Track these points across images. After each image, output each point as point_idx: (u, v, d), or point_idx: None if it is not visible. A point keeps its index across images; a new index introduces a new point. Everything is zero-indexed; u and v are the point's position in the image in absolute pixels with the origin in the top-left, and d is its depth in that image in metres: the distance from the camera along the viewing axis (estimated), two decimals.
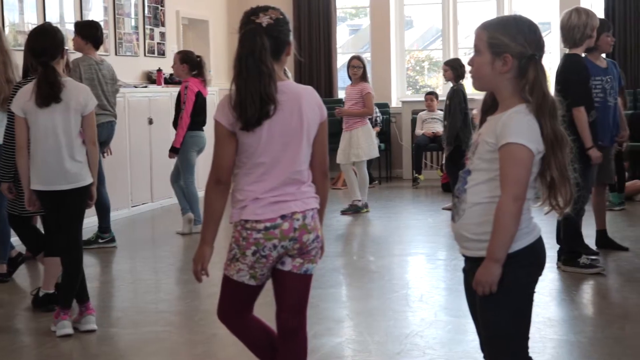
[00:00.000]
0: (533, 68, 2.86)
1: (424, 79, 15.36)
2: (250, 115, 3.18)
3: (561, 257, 6.58)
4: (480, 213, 2.89)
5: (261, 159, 3.26)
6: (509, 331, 2.93)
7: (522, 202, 2.82)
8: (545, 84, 2.88)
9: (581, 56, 6.46)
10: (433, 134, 12.23)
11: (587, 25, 6.36)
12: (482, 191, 2.90)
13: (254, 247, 3.27)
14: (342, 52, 14.44)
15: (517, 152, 2.80)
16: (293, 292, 3.42)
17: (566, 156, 2.86)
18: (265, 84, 3.19)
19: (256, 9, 3.30)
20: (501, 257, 2.84)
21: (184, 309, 5.95)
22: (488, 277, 2.85)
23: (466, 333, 4.84)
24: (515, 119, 2.83)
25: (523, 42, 2.87)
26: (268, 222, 3.26)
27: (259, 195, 3.26)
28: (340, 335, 5.17)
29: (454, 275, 6.39)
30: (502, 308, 2.89)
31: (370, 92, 9.66)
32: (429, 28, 16.29)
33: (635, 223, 8.68)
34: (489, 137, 2.87)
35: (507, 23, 2.95)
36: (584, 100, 6.31)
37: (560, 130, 2.86)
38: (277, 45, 3.27)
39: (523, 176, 2.82)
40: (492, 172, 2.87)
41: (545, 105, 2.85)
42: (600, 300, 5.98)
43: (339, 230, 8.89)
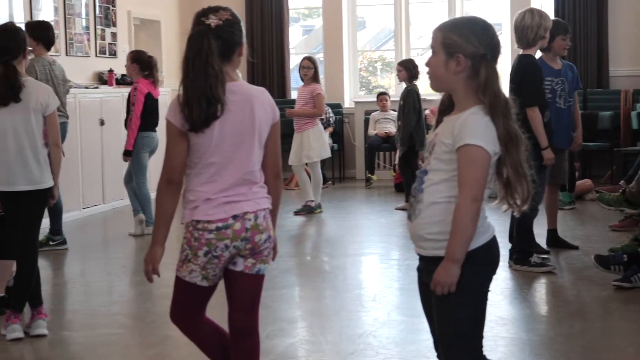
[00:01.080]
0: (484, 68, 2.88)
1: (376, 80, 15.40)
2: (197, 116, 3.18)
3: (513, 256, 6.64)
4: (437, 213, 2.91)
5: (212, 159, 3.25)
6: (464, 330, 2.95)
7: (480, 203, 2.85)
8: (497, 84, 2.89)
9: (534, 56, 6.52)
10: (386, 134, 12.28)
11: (540, 26, 6.42)
12: (438, 191, 2.91)
13: (206, 247, 3.26)
14: (295, 53, 14.43)
15: (474, 153, 2.82)
16: (245, 292, 3.41)
17: (521, 154, 2.88)
18: (212, 85, 3.18)
19: (207, 9, 3.30)
20: (460, 258, 2.85)
21: (136, 311, 5.91)
22: (447, 278, 2.86)
23: (419, 332, 4.86)
24: (472, 120, 2.85)
25: (475, 42, 2.89)
26: (220, 223, 3.25)
27: (211, 196, 3.25)
28: (294, 335, 5.17)
29: (407, 275, 6.41)
30: (458, 307, 2.91)
31: (320, 92, 9.66)
32: (382, 29, 16.33)
33: (585, 222, 8.78)
34: (446, 138, 2.89)
35: (461, 24, 2.98)
36: (537, 100, 6.37)
37: (515, 129, 2.88)
38: (226, 46, 3.26)
39: (481, 177, 2.84)
40: (449, 172, 2.89)
41: (497, 104, 2.86)
42: (552, 299, 6.05)
43: (292, 230, 8.88)
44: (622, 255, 6.01)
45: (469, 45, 2.89)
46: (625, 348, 4.79)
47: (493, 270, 3.01)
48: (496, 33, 2.96)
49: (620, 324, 5.25)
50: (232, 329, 3.45)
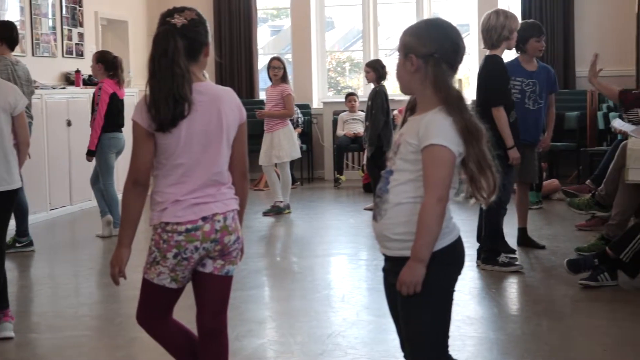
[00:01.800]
0: (431, 66, 2.90)
1: (345, 80, 15.41)
2: (164, 115, 3.16)
3: (481, 255, 6.67)
4: (403, 213, 2.91)
5: (180, 160, 3.24)
6: (430, 330, 2.95)
7: (445, 203, 2.85)
8: (446, 81, 2.90)
9: (500, 57, 6.55)
10: (354, 135, 12.30)
11: (504, 26, 6.45)
12: (404, 191, 2.92)
13: (175, 249, 3.25)
14: (264, 53, 14.41)
15: (439, 153, 2.83)
16: (214, 294, 3.40)
17: (484, 146, 2.89)
18: (178, 84, 3.17)
19: (172, 10, 3.29)
20: (425, 258, 2.86)
21: (104, 312, 5.88)
22: (412, 278, 2.86)
23: (388, 332, 4.87)
24: (436, 120, 2.86)
25: (427, 42, 2.91)
26: (189, 224, 3.24)
27: (179, 197, 3.24)
28: (263, 336, 5.16)
29: (376, 275, 6.42)
30: (423, 307, 2.91)
31: (290, 93, 9.66)
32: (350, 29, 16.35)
33: (552, 221, 8.84)
34: (411, 138, 2.89)
35: (419, 26, 3.01)
36: (502, 100, 6.41)
37: (473, 123, 2.89)
38: (192, 45, 3.26)
39: (446, 177, 2.84)
40: (414, 172, 2.89)
41: (451, 100, 2.88)
42: (519, 298, 6.08)
43: (261, 231, 8.87)
44: (592, 260, 6.04)
45: (420, 45, 2.92)
46: (592, 346, 4.83)
47: (458, 271, 3.02)
48: (456, 34, 2.96)
49: (588, 322, 5.28)
50: (201, 331, 3.43)
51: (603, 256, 5.99)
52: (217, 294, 3.41)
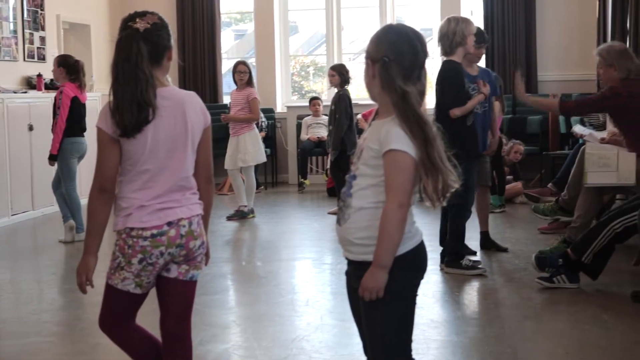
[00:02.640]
0: (380, 69, 2.90)
1: (309, 84, 15.43)
2: (128, 121, 3.14)
3: (444, 259, 6.70)
4: (365, 218, 2.91)
5: (146, 166, 3.22)
6: (392, 334, 2.96)
7: (406, 208, 2.85)
8: (393, 84, 2.87)
9: (456, 62, 6.60)
10: (318, 139, 12.31)
11: (455, 32, 6.49)
12: (366, 196, 2.92)
13: (141, 255, 3.24)
14: (227, 58, 14.40)
15: (399, 159, 2.83)
16: (178, 299, 3.39)
17: (434, 151, 2.85)
18: (143, 89, 3.15)
19: (134, 14, 3.28)
20: (387, 264, 2.86)
21: (66, 318, 5.84)
22: (374, 283, 2.86)
23: (352, 336, 4.87)
24: (396, 125, 2.87)
25: (382, 47, 2.92)
26: (154, 230, 3.23)
27: (144, 203, 3.22)
28: (227, 341, 5.15)
29: (340, 279, 6.43)
30: (386, 311, 2.92)
31: (256, 97, 9.66)
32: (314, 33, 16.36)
33: (515, 225, 8.90)
34: (373, 143, 2.90)
35: (378, 32, 3.01)
36: (459, 103, 6.47)
37: (423, 126, 2.84)
38: (155, 50, 3.25)
39: (406, 182, 2.84)
40: (376, 177, 2.90)
41: (398, 102, 2.86)
42: (482, 301, 6.11)
43: (225, 236, 8.85)
44: (557, 259, 6.10)
45: (375, 51, 2.93)
46: (554, 349, 4.86)
47: (421, 275, 3.02)
48: (413, 39, 2.94)
49: (550, 325, 5.32)
50: (165, 336, 3.42)
51: (565, 257, 6.05)
52: (181, 298, 3.40)
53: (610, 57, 6.64)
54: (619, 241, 5.95)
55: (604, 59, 6.69)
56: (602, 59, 6.70)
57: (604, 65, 6.69)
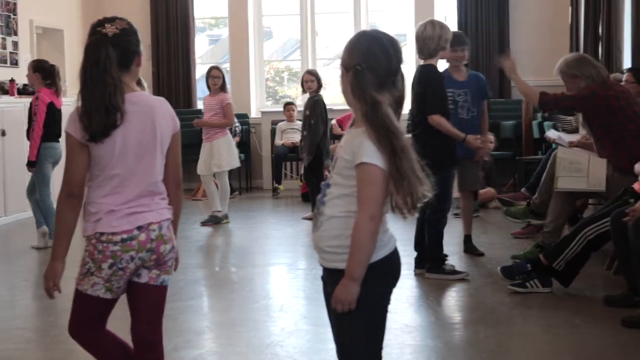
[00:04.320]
0: (352, 77, 2.88)
1: (283, 90, 15.43)
2: (96, 125, 3.14)
3: (425, 264, 6.71)
4: (336, 226, 2.91)
5: (114, 171, 3.22)
6: (363, 342, 2.95)
7: (378, 220, 2.84)
8: (364, 93, 2.84)
9: (435, 66, 6.62)
10: (292, 144, 12.31)
11: (440, 37, 6.52)
12: (338, 205, 2.91)
13: (111, 260, 3.22)
14: (202, 63, 14.37)
15: (370, 171, 2.81)
16: (149, 304, 3.38)
17: (407, 159, 2.83)
18: (111, 94, 3.15)
19: (103, 20, 3.28)
20: (359, 276, 2.85)
21: (39, 325, 5.81)
22: (347, 296, 2.85)
23: (326, 341, 4.87)
24: (368, 137, 2.85)
25: (355, 55, 2.90)
26: (124, 234, 3.21)
27: (114, 208, 3.21)
28: (200, 347, 5.13)
29: (314, 285, 6.44)
30: (356, 320, 2.91)
31: (230, 102, 9.65)
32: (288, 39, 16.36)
33: (488, 230, 8.93)
34: (347, 153, 2.88)
35: (353, 39, 2.98)
36: (439, 108, 6.48)
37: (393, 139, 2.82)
38: (124, 55, 3.24)
39: (378, 195, 2.83)
40: (348, 187, 2.89)
41: (367, 112, 2.84)
42: (456, 306, 6.13)
43: (199, 241, 8.83)
44: (525, 265, 6.13)
45: (348, 58, 2.93)
46: (527, 353, 4.89)
47: (393, 283, 3.01)
48: (390, 45, 2.92)
49: (523, 329, 5.35)
50: (137, 342, 3.41)
51: (537, 263, 6.08)
52: (152, 304, 3.39)
53: (571, 69, 6.69)
54: (594, 248, 5.98)
55: (565, 73, 6.73)
56: (564, 73, 6.74)
57: (569, 78, 6.72)
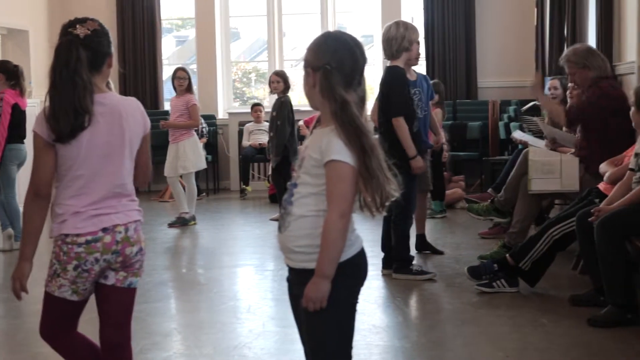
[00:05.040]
0: (321, 77, 2.90)
1: (250, 91, 15.42)
2: (64, 127, 3.13)
3: (392, 265, 6.73)
4: (305, 226, 2.91)
5: (80, 171, 3.21)
6: (332, 342, 2.96)
7: (348, 218, 2.85)
8: (333, 93, 2.86)
9: (401, 67, 6.64)
10: (260, 145, 12.30)
11: (404, 37, 6.55)
12: (307, 204, 2.92)
13: (76, 261, 3.21)
14: (169, 64, 14.33)
15: (340, 169, 2.83)
16: (117, 306, 3.37)
17: (375, 158, 2.85)
18: (80, 95, 3.14)
19: (74, 21, 3.26)
20: (330, 274, 2.85)
21: (5, 328, 5.76)
22: (318, 294, 2.86)
23: (294, 343, 4.86)
24: (337, 135, 2.86)
25: (321, 55, 2.92)
26: (89, 236, 3.20)
27: (79, 209, 3.20)
28: (168, 349, 5.11)
29: (282, 286, 6.39)
30: (325, 320, 2.91)
31: (195, 103, 9.62)
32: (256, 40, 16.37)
33: (455, 230, 8.97)
34: (314, 152, 2.89)
35: (316, 39, 2.99)
36: (402, 110, 6.50)
37: (362, 136, 2.84)
38: (95, 56, 3.23)
39: (347, 192, 2.84)
40: (317, 186, 2.89)
41: (337, 110, 2.86)
42: (423, 306, 6.15)
43: (166, 243, 8.80)
44: (492, 265, 6.17)
45: (315, 59, 2.93)
46: (494, 352, 4.91)
47: (361, 283, 3.02)
48: (353, 46, 2.94)
49: (490, 329, 5.37)
50: (104, 344, 3.39)
51: (504, 263, 6.11)
52: (120, 306, 3.38)
53: (581, 59, 6.66)
54: (560, 248, 6.03)
55: (575, 63, 6.67)
56: (573, 63, 6.68)
57: (578, 68, 6.66)
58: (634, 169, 5.49)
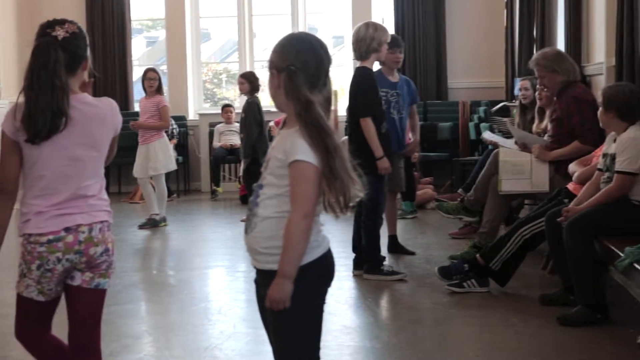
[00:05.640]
0: (285, 78, 2.90)
1: (221, 92, 15.39)
2: (41, 128, 3.12)
3: (363, 266, 6.73)
4: (270, 227, 2.91)
5: (42, 172, 3.20)
6: (300, 343, 2.96)
7: (311, 218, 2.85)
8: (297, 94, 2.87)
9: (370, 68, 6.65)
10: (231, 146, 12.28)
11: (373, 38, 6.56)
12: (272, 205, 2.91)
13: (38, 261, 3.20)
14: (139, 65, 14.27)
15: (304, 169, 2.83)
16: (84, 307, 3.35)
17: (339, 159, 2.85)
18: (58, 97, 3.13)
19: (53, 22, 3.25)
20: (292, 274, 2.85)
21: None
22: (280, 294, 2.86)
23: (265, 344, 4.78)
24: (301, 136, 2.86)
25: (285, 56, 2.92)
26: (51, 235, 3.19)
27: (42, 209, 3.20)
28: (138, 351, 5.09)
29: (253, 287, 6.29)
30: (292, 321, 2.91)
31: (166, 104, 9.59)
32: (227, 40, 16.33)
33: (426, 230, 9.00)
34: (279, 153, 2.89)
35: (281, 41, 2.99)
36: (370, 111, 6.51)
37: (325, 137, 2.84)
38: (72, 59, 3.23)
39: (311, 193, 2.84)
40: (282, 187, 2.89)
41: (301, 111, 2.86)
42: (394, 306, 6.16)
43: (136, 244, 8.76)
44: (462, 265, 6.19)
45: (280, 60, 2.93)
46: (465, 352, 4.93)
47: (328, 283, 3.02)
48: (317, 47, 2.95)
49: (461, 329, 5.39)
50: (72, 346, 3.37)
51: (474, 263, 6.14)
52: (87, 307, 3.35)
53: (551, 63, 6.70)
54: (529, 248, 6.06)
55: (544, 67, 6.70)
56: (542, 67, 6.71)
57: (547, 72, 6.69)
58: (602, 169, 5.53)
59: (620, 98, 5.41)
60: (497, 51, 12.05)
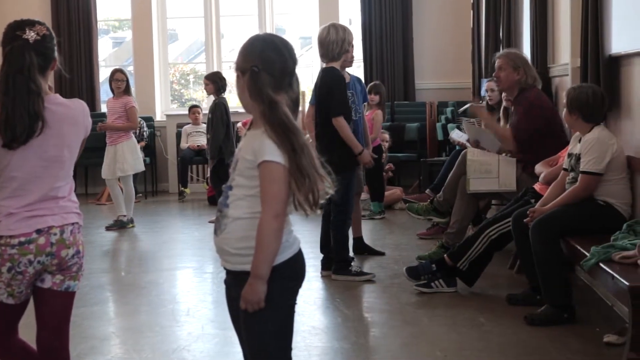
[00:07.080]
0: (248, 80, 2.91)
1: (189, 93, 15.35)
2: (20, 133, 3.11)
3: (331, 266, 6.74)
4: (241, 228, 2.91)
5: (14, 173, 3.19)
6: (272, 343, 2.96)
7: (282, 218, 2.85)
8: (261, 94, 2.88)
9: (338, 69, 6.68)
10: (198, 147, 12.25)
11: (344, 40, 6.61)
12: (242, 206, 2.92)
13: (9, 263, 3.19)
14: (105, 65, 14.20)
15: (273, 169, 2.83)
16: (53, 310, 3.34)
17: (306, 156, 2.86)
18: (34, 101, 3.14)
19: (21, 22, 3.24)
20: (265, 274, 2.86)
21: None
22: (254, 295, 2.86)
23: (233, 345, 4.84)
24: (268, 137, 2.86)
25: (249, 57, 2.93)
26: (22, 237, 3.18)
27: (13, 210, 3.18)
28: (106, 353, 5.07)
29: (221, 288, 6.31)
30: (264, 321, 2.92)
31: (134, 105, 9.55)
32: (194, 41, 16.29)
33: (394, 230, 9.02)
34: (248, 154, 2.89)
35: (247, 42, 2.99)
36: (342, 110, 6.55)
37: (290, 136, 2.85)
38: (44, 61, 3.24)
39: (281, 193, 2.84)
40: (252, 188, 2.89)
41: (265, 111, 2.87)
42: (362, 307, 6.17)
43: (104, 246, 8.72)
44: (430, 265, 6.22)
45: (243, 61, 2.94)
46: (433, 352, 4.95)
47: (299, 284, 3.03)
48: (284, 47, 2.96)
49: (429, 329, 5.41)
50: (41, 349, 3.36)
51: (442, 263, 6.17)
52: (57, 310, 3.34)
53: (520, 62, 6.72)
54: (496, 248, 6.10)
55: (512, 61, 6.69)
56: (510, 60, 6.69)
57: (510, 67, 6.69)
58: (567, 169, 5.57)
59: (583, 100, 5.45)
60: (463, 52, 12.10)
